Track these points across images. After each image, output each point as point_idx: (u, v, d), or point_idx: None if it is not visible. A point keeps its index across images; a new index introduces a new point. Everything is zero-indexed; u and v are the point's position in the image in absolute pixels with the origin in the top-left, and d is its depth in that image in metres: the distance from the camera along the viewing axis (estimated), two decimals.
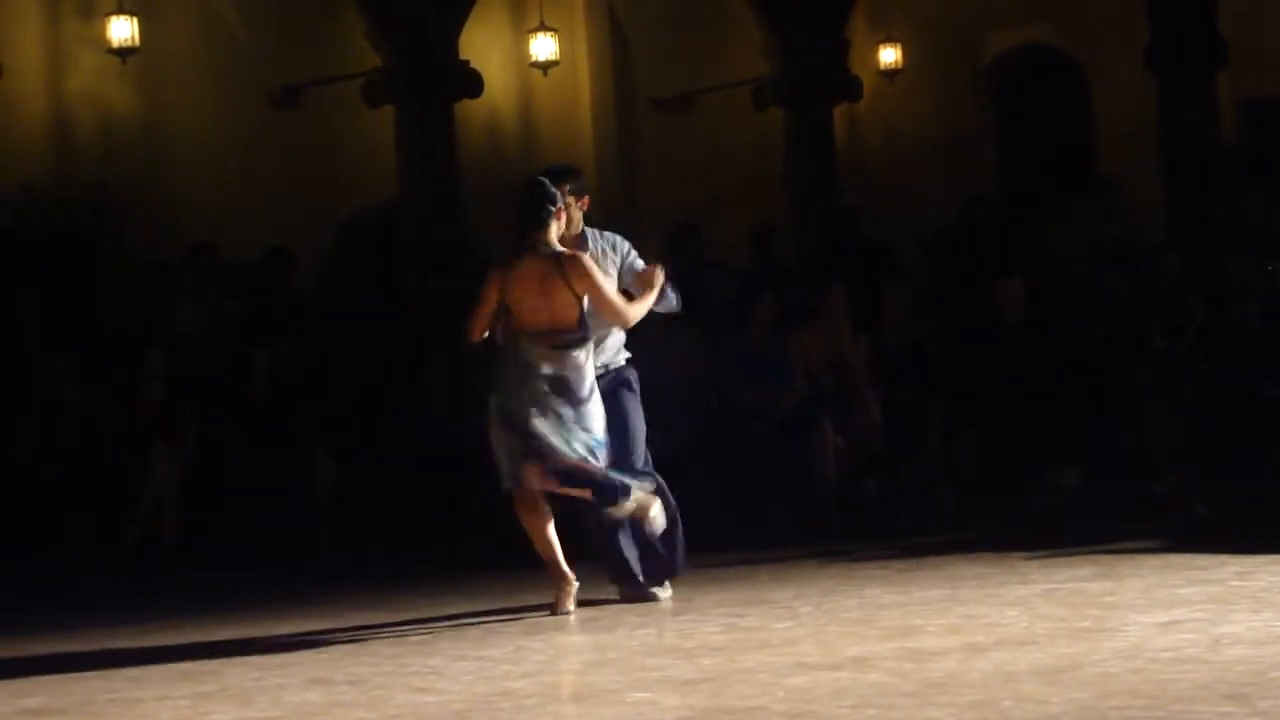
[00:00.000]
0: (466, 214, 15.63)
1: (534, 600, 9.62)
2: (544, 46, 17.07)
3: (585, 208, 9.57)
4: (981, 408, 13.48)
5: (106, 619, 10.19)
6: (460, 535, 12.39)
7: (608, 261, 9.50)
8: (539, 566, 9.39)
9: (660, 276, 9.45)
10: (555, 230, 9.22)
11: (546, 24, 17.01)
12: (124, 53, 15.07)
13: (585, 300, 9.14)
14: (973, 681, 6.94)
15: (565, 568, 9.27)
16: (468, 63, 15.55)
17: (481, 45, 16.33)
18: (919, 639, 7.91)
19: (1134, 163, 17.18)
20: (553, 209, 9.21)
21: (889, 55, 18.42)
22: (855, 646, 7.86)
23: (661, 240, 15.19)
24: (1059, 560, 10.14)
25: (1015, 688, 6.75)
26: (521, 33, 17.18)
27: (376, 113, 15.54)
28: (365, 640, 8.94)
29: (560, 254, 9.18)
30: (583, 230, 9.56)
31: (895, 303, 14.17)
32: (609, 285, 9.29)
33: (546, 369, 9.08)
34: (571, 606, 9.22)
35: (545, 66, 17.08)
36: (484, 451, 9.30)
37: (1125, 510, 12.02)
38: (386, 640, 8.96)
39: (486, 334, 9.29)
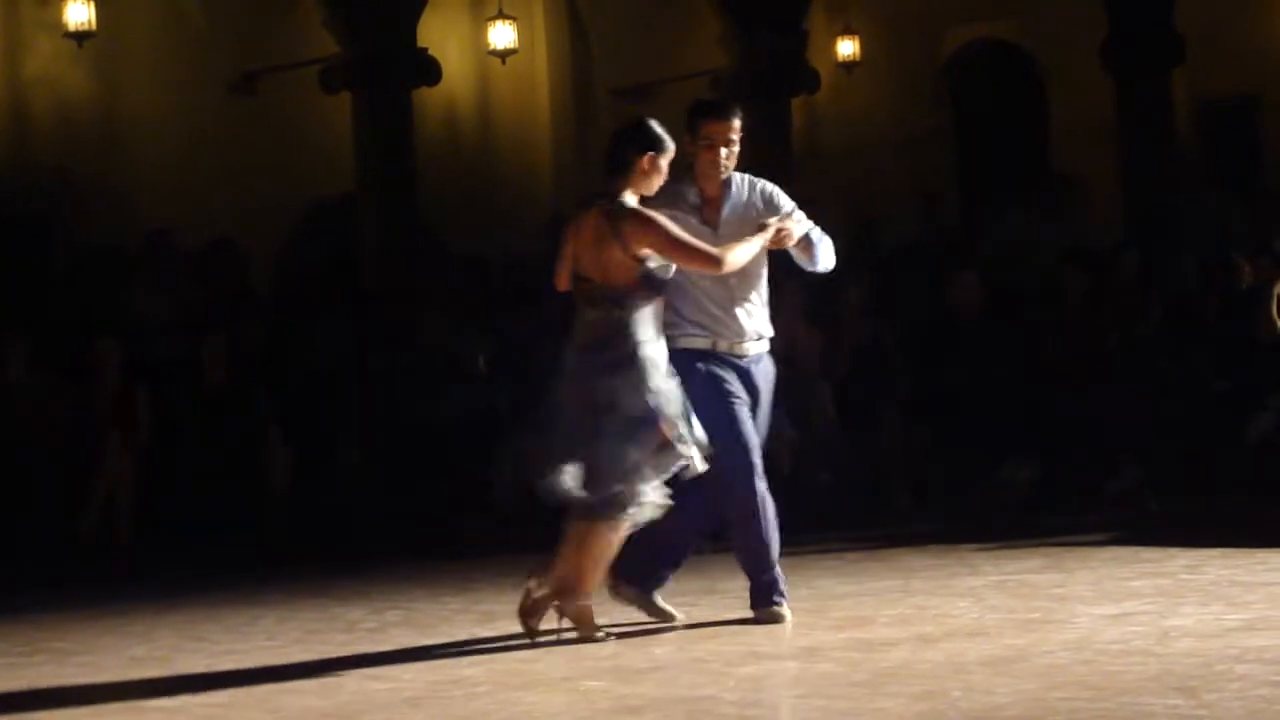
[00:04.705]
0: (424, 201, 15.60)
1: (487, 590, 9.63)
2: (502, 35, 17.05)
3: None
4: (937, 403, 13.50)
5: (59, 607, 10.15)
6: (416, 526, 12.40)
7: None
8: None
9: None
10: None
11: (505, 12, 17.00)
12: (81, 37, 14.99)
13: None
14: (922, 672, 6.97)
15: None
16: (426, 50, 15.51)
17: (440, 33, 16.31)
18: (870, 629, 7.94)
19: (1091, 160, 17.22)
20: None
21: (847, 48, 18.45)
22: (806, 637, 7.89)
23: None
24: (1009, 552, 10.18)
25: (964, 678, 6.78)
26: (480, 21, 17.16)
27: (334, 100, 15.50)
28: (317, 628, 8.93)
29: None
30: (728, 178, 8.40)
31: (854, 299, 14.17)
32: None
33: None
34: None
35: (504, 55, 17.07)
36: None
37: (1079, 506, 12.07)
38: (338, 628, 8.95)
39: None
